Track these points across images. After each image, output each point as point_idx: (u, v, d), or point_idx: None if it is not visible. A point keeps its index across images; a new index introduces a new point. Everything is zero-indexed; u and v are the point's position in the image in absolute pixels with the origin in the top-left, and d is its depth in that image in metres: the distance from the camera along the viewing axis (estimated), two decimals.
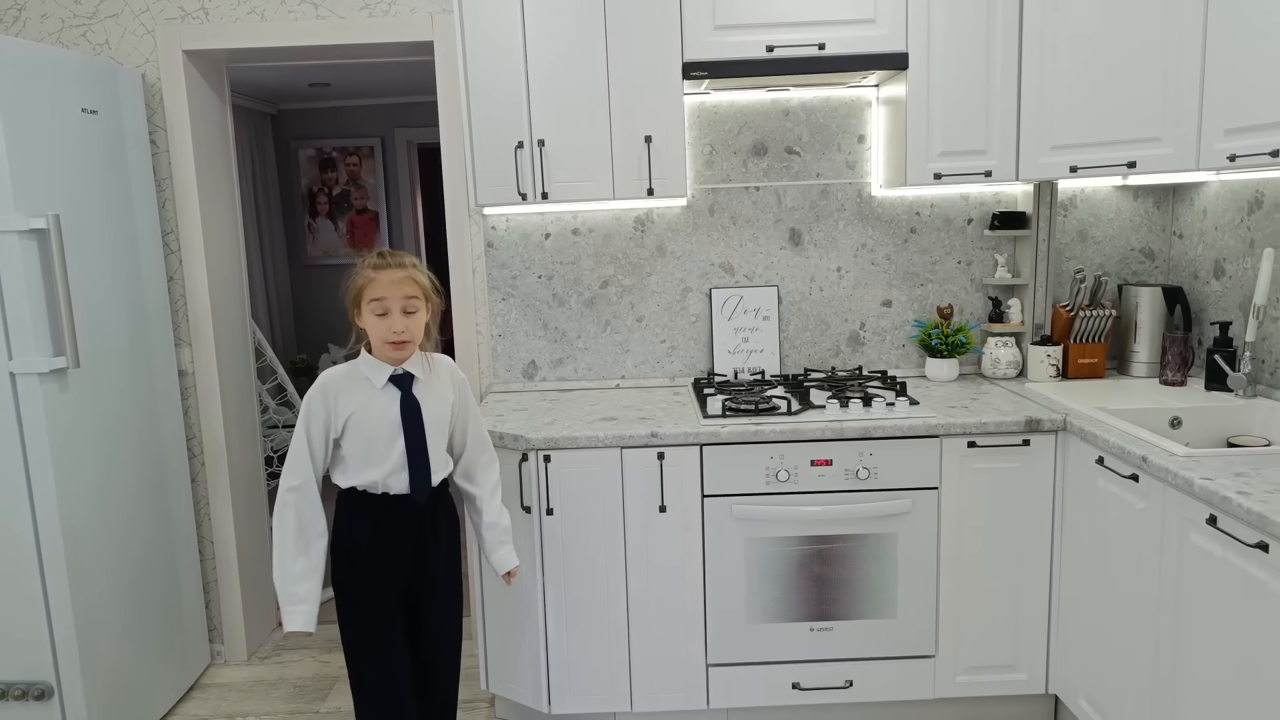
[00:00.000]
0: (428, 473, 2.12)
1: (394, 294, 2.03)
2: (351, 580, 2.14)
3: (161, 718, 2.92)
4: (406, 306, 2.04)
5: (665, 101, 2.67)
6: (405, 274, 2.05)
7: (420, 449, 2.09)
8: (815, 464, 2.53)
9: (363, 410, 2.07)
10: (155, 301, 2.97)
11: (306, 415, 2.07)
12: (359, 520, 2.12)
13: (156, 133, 3.02)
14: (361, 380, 2.09)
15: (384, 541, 2.13)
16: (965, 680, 2.65)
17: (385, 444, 2.07)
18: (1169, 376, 2.80)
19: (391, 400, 2.08)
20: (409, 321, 2.05)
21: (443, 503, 2.22)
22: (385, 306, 2.02)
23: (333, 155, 6.07)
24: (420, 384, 2.12)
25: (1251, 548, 1.76)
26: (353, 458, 2.09)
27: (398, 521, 2.13)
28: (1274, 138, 2.09)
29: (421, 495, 2.12)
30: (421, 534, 2.17)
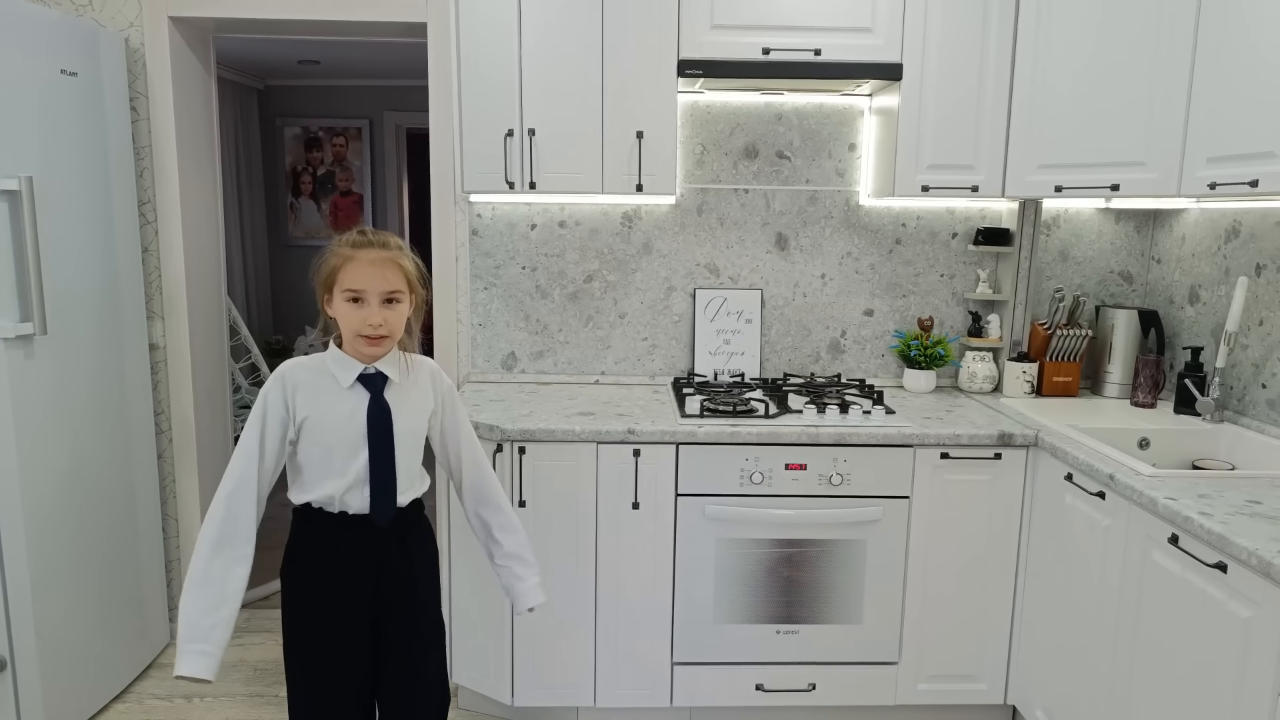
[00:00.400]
0: (393, 491, 1.81)
1: (373, 280, 1.72)
2: (301, 612, 1.84)
3: (116, 695, 2.87)
4: (387, 295, 1.74)
5: (659, 98, 2.67)
6: (387, 255, 1.74)
7: (386, 463, 1.79)
8: (790, 468, 2.54)
9: (323, 412, 1.77)
10: (129, 272, 2.92)
11: (262, 411, 1.76)
12: (312, 543, 1.83)
13: (138, 99, 2.97)
14: (325, 376, 1.79)
15: (340, 570, 1.82)
16: (926, 688, 2.67)
17: (346, 454, 1.78)
18: (1140, 398, 2.84)
19: (358, 404, 1.78)
20: (388, 314, 1.75)
21: (414, 527, 1.91)
22: (361, 294, 1.72)
23: (319, 135, 6.01)
24: (394, 388, 1.82)
25: (1211, 568, 1.79)
26: (309, 468, 1.80)
27: (357, 547, 1.82)
28: (1254, 168, 2.13)
29: (383, 517, 1.81)
30: (386, 563, 1.85)
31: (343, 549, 1.82)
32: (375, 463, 1.79)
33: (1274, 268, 2.49)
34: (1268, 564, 1.61)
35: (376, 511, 1.81)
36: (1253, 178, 2.12)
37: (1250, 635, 1.69)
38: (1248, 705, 1.69)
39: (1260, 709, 1.66)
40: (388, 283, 1.74)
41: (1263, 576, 1.65)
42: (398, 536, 1.86)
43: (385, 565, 1.85)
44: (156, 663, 3.10)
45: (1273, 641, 1.63)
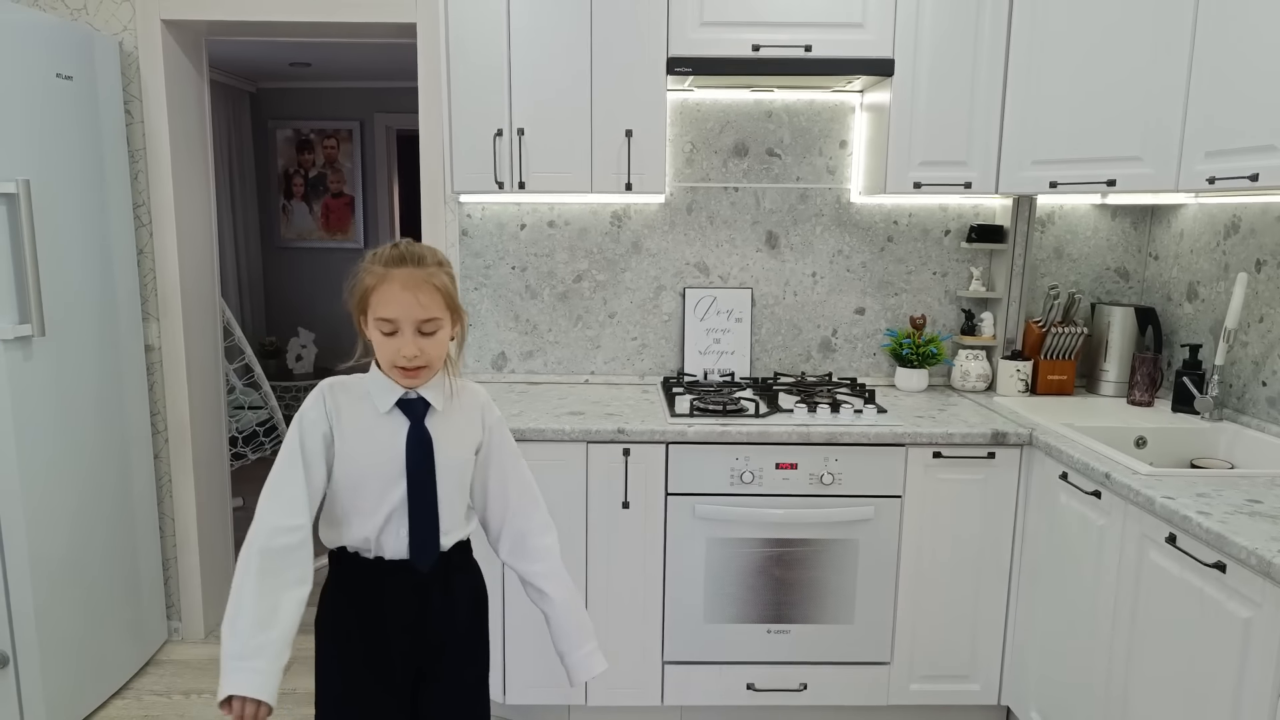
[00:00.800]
0: (434, 530, 1.61)
1: (407, 307, 1.52)
2: (333, 667, 1.65)
3: (117, 691, 2.90)
4: (423, 326, 1.54)
5: (648, 96, 2.65)
6: (424, 275, 1.53)
7: (427, 498, 1.60)
8: (780, 467, 2.52)
9: (358, 439, 1.58)
10: (124, 274, 2.92)
11: (300, 427, 1.58)
12: (346, 592, 1.64)
13: (132, 103, 2.97)
14: (364, 400, 1.60)
15: (376, 624, 1.63)
16: (919, 688, 2.65)
17: (380, 488, 1.58)
18: (1137, 396, 2.81)
19: (396, 431, 1.59)
20: (425, 344, 1.55)
21: (460, 571, 1.71)
22: (394, 325, 1.54)
23: (310, 137, 6.01)
24: (437, 416, 1.62)
25: (1209, 567, 1.76)
26: (338, 502, 1.61)
27: (395, 597, 1.62)
28: (1254, 161, 2.09)
29: (424, 560, 1.61)
30: (427, 617, 1.65)
31: (379, 599, 1.62)
32: (415, 497, 1.59)
33: (1274, 263, 2.46)
34: (1268, 563, 1.59)
35: (416, 554, 1.60)
36: (1253, 172, 2.09)
37: (1250, 636, 1.66)
38: (1247, 707, 1.67)
39: (1260, 711, 1.63)
40: (423, 309, 1.53)
41: (1262, 576, 1.62)
42: (441, 584, 1.66)
43: (426, 619, 1.65)
44: (155, 659, 3.12)
45: (1273, 642, 1.60)
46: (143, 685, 2.95)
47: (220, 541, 3.41)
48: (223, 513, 3.44)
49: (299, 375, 5.72)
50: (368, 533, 1.59)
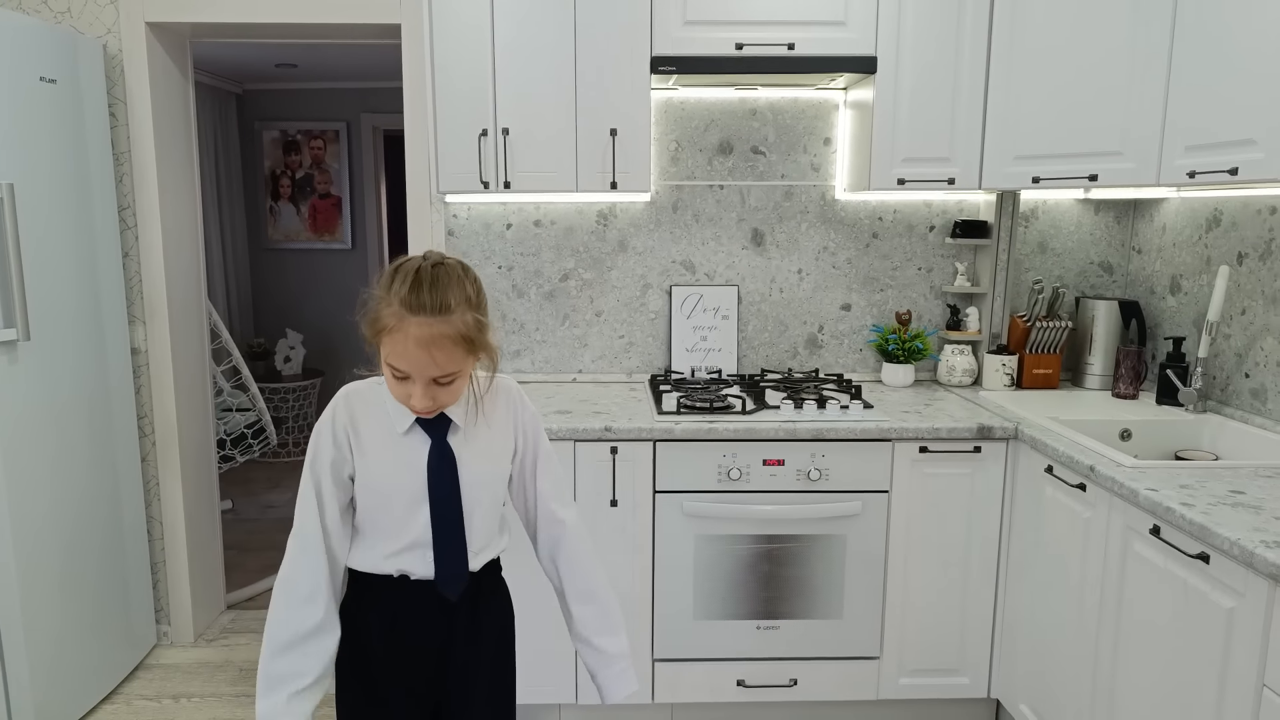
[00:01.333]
0: (463, 554, 1.51)
1: (420, 365, 1.36)
2: (354, 690, 1.57)
3: (105, 696, 2.89)
4: (440, 379, 1.39)
5: (632, 95, 2.65)
6: (444, 329, 1.35)
7: (452, 522, 1.49)
8: (767, 464, 2.53)
9: (378, 455, 1.47)
10: (109, 277, 2.91)
11: (314, 447, 1.49)
12: (367, 612, 1.54)
13: (116, 105, 2.96)
14: (382, 411, 1.48)
15: (400, 645, 1.54)
16: (909, 683, 2.66)
17: (404, 509, 1.48)
18: (1121, 389, 2.83)
19: (417, 449, 1.47)
20: (441, 393, 1.41)
21: (488, 594, 1.61)
22: (407, 374, 1.39)
23: (297, 138, 5.99)
24: (460, 432, 1.50)
25: (1193, 558, 1.77)
26: (362, 521, 1.51)
27: (420, 618, 1.53)
28: (1233, 155, 2.11)
29: (453, 587, 1.52)
30: (454, 637, 1.56)
31: (400, 621, 1.52)
32: (439, 522, 1.48)
33: (1255, 256, 2.48)
34: (1250, 554, 1.60)
35: (444, 578, 1.50)
36: (1232, 165, 2.10)
37: (1233, 626, 1.67)
38: (1231, 696, 1.68)
39: (1244, 700, 1.65)
40: (439, 368, 1.37)
41: (1245, 566, 1.63)
42: (468, 608, 1.55)
43: (452, 643, 1.56)
44: (144, 664, 3.11)
45: (1256, 632, 1.61)
46: (132, 690, 2.94)
47: (209, 545, 3.41)
48: (211, 516, 3.43)
49: (288, 377, 5.70)
50: (391, 555, 1.49)
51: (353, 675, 1.56)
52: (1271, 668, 1.58)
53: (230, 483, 4.79)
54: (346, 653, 1.55)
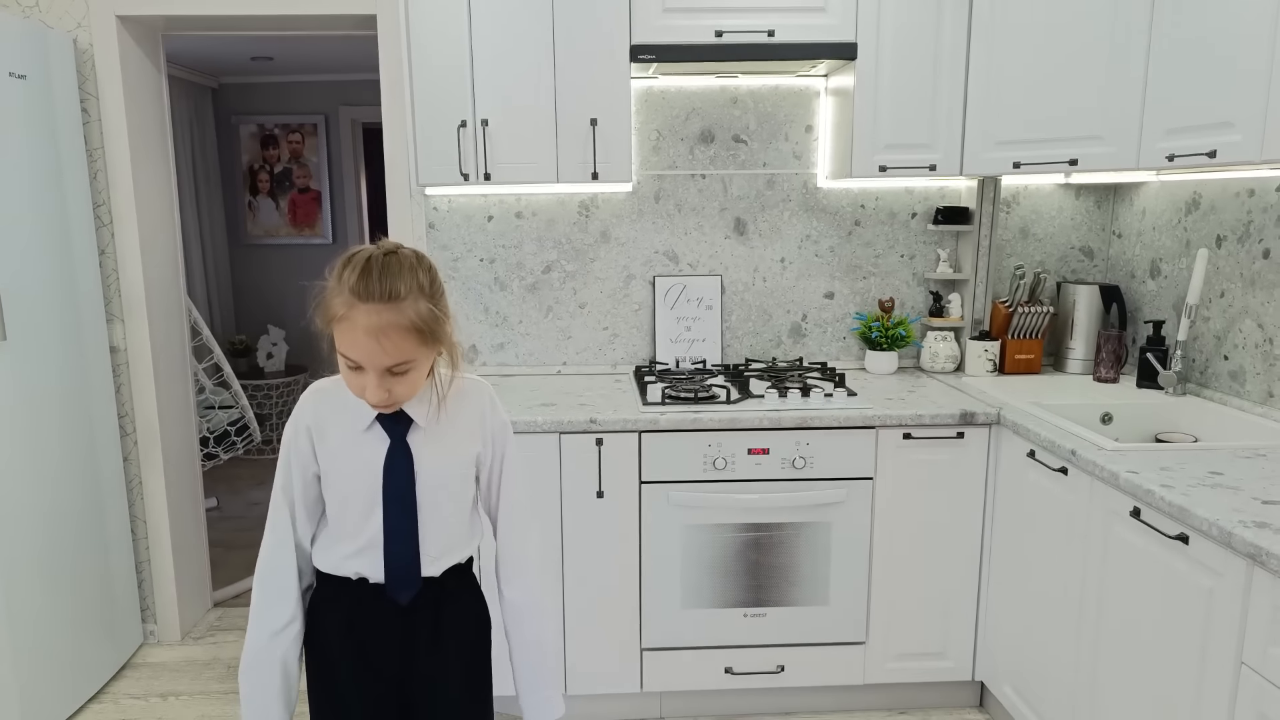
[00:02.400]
0: (414, 558, 1.46)
1: (370, 355, 1.32)
2: (319, 687, 1.54)
3: (92, 696, 2.87)
4: (394, 368, 1.34)
5: (612, 84, 2.64)
6: (393, 317, 1.31)
7: (404, 525, 1.44)
8: (752, 453, 2.53)
9: (342, 454, 1.44)
10: (86, 275, 2.88)
11: (285, 444, 1.47)
12: (327, 611, 1.51)
13: (88, 101, 2.93)
14: (345, 408, 1.44)
15: (359, 648, 1.49)
16: (894, 666, 2.68)
17: (362, 509, 1.44)
18: (1102, 373, 2.84)
19: (376, 449, 1.43)
20: (396, 384, 1.36)
21: (453, 600, 1.55)
22: (359, 364, 1.35)
23: (275, 132, 5.93)
24: (422, 432, 1.45)
25: (1172, 539, 1.79)
26: (329, 521, 1.49)
27: (378, 622, 1.48)
28: (1212, 138, 2.12)
29: (401, 591, 1.47)
30: (416, 644, 1.51)
31: (358, 624, 1.48)
32: (390, 523, 1.43)
33: (1234, 239, 2.50)
34: (1229, 534, 1.61)
35: (392, 585, 1.46)
36: (1211, 148, 2.11)
37: (1212, 605, 1.69)
38: (1211, 675, 1.70)
39: (1223, 678, 1.66)
40: (389, 357, 1.33)
41: (1224, 547, 1.65)
42: (430, 614, 1.51)
43: (413, 651, 1.51)
44: (130, 663, 3.09)
45: (1234, 611, 1.63)
46: (119, 689, 2.93)
47: (194, 543, 3.39)
48: (195, 514, 3.41)
49: (270, 373, 5.67)
50: (349, 556, 1.46)
51: (318, 674, 1.54)
52: (1249, 645, 1.60)
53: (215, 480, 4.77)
54: (313, 651, 1.53)
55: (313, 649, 1.53)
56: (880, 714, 2.75)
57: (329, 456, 1.44)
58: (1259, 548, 1.54)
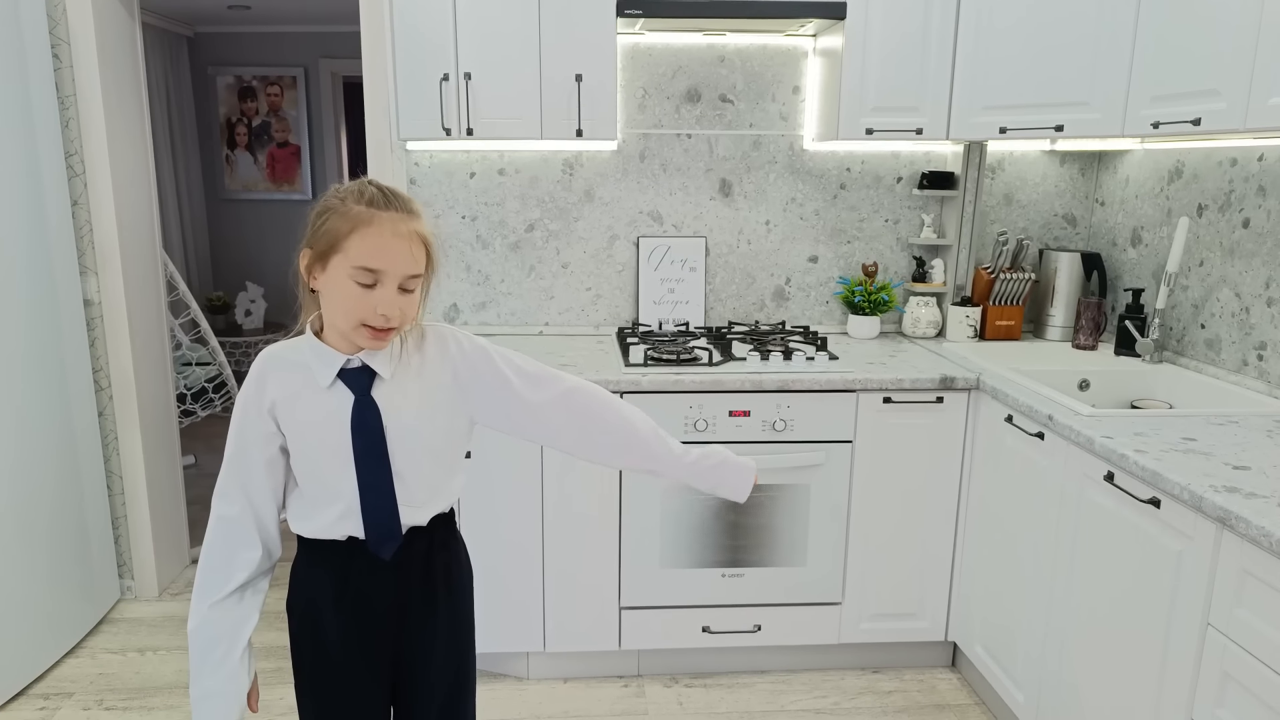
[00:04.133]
0: (390, 514, 1.44)
1: (399, 259, 1.32)
2: (308, 654, 1.52)
3: (69, 651, 2.87)
4: (407, 283, 1.34)
5: (598, 39, 2.60)
6: (415, 228, 1.34)
7: (379, 479, 1.42)
8: (734, 415, 2.54)
9: (305, 417, 1.41)
10: (59, 226, 2.82)
11: (237, 413, 1.43)
12: (316, 575, 1.49)
13: (60, 46, 2.85)
14: (303, 370, 1.41)
15: (349, 609, 1.48)
16: (869, 627, 2.71)
17: (337, 469, 1.41)
18: (1081, 340, 2.87)
19: (340, 407, 1.39)
20: (404, 301, 1.35)
21: (441, 548, 1.54)
22: (379, 276, 1.32)
23: (253, 84, 5.82)
24: (386, 384, 1.41)
25: (1144, 503, 1.82)
26: (303, 489, 1.46)
27: (372, 580, 1.47)
28: (1197, 106, 2.12)
29: (382, 547, 1.45)
30: (407, 598, 1.51)
31: (349, 584, 1.47)
32: (365, 479, 1.41)
33: (1215, 208, 2.51)
34: (1199, 498, 1.64)
35: (374, 541, 1.44)
36: (1195, 116, 2.12)
37: (1181, 568, 1.72)
38: (1178, 635, 1.73)
39: (1190, 638, 1.70)
40: (415, 264, 1.34)
41: (1194, 510, 1.67)
42: (420, 564, 1.50)
43: (407, 604, 1.51)
44: (108, 618, 3.09)
45: (1203, 573, 1.66)
46: (96, 644, 2.92)
47: (171, 499, 3.37)
48: (173, 470, 3.39)
49: (249, 330, 5.62)
50: (335, 520, 1.43)
51: (306, 639, 1.52)
52: (1216, 607, 1.63)
53: (192, 438, 4.74)
54: (299, 619, 1.52)
55: (298, 615, 1.51)
56: (854, 673, 2.79)
57: (293, 422, 1.41)
58: (1228, 511, 1.57)
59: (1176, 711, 1.73)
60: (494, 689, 2.68)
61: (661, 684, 2.73)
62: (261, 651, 2.85)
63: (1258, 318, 2.35)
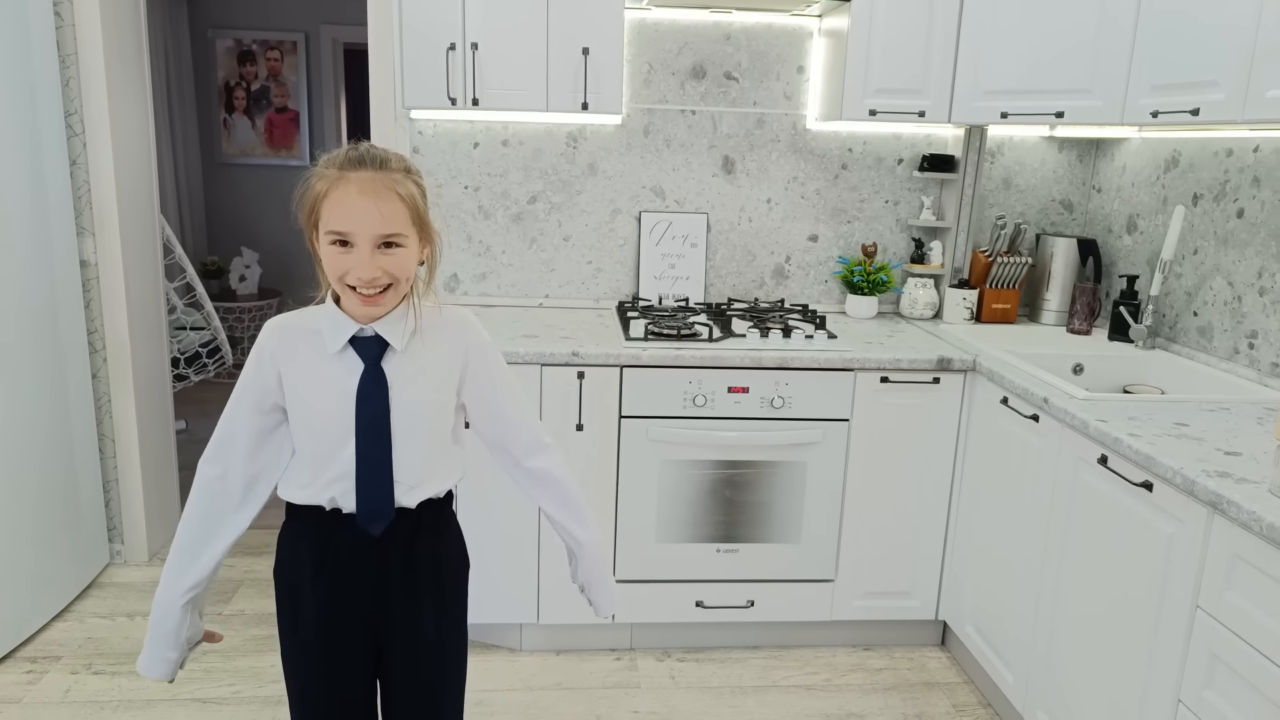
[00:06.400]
0: (388, 488, 1.42)
1: (364, 218, 1.29)
2: (288, 623, 1.52)
3: (58, 614, 2.87)
4: (384, 239, 1.31)
5: (605, 13, 2.60)
6: (387, 181, 1.31)
7: (378, 453, 1.40)
8: (732, 391, 2.56)
9: (310, 384, 1.40)
10: (57, 186, 2.80)
11: (243, 377, 1.43)
12: (298, 546, 1.48)
13: (61, 4, 2.82)
14: (314, 336, 1.40)
15: (326, 582, 1.46)
16: (861, 604, 2.75)
17: (335, 438, 1.40)
18: (1076, 325, 2.90)
19: (348, 375, 1.39)
20: (386, 260, 1.32)
21: (429, 533, 1.51)
22: (347, 237, 1.30)
23: (252, 48, 5.76)
24: (401, 354, 1.41)
25: (1137, 486, 1.85)
26: (298, 452, 1.45)
27: (352, 554, 1.45)
28: (1197, 96, 2.14)
29: (373, 522, 1.43)
30: (386, 579, 1.48)
31: (330, 555, 1.45)
32: (364, 450, 1.39)
33: (1210, 197, 2.54)
34: (1191, 482, 1.67)
35: (364, 515, 1.42)
36: (1194, 106, 2.14)
37: (1173, 550, 1.75)
38: (1167, 618, 1.77)
39: (1179, 621, 1.73)
40: (385, 222, 1.30)
41: (1186, 494, 1.70)
42: (403, 547, 1.47)
43: (386, 584, 1.48)
44: (97, 581, 3.09)
45: (1194, 556, 1.69)
46: (85, 608, 2.92)
47: (164, 463, 3.37)
48: (165, 434, 3.39)
49: (243, 296, 5.59)
50: (323, 485, 1.42)
51: (287, 609, 1.52)
52: (1206, 590, 1.67)
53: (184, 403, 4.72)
54: (282, 586, 1.52)
55: (282, 583, 1.52)
56: (845, 650, 2.83)
57: (295, 385, 1.40)
58: (1220, 495, 1.60)
59: (1164, 693, 1.77)
60: (487, 660, 2.71)
61: (654, 658, 2.77)
62: (254, 618, 2.89)
63: (1250, 306, 2.39)
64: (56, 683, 2.54)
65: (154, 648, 1.52)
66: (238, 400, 1.44)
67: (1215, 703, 1.63)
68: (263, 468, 1.46)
